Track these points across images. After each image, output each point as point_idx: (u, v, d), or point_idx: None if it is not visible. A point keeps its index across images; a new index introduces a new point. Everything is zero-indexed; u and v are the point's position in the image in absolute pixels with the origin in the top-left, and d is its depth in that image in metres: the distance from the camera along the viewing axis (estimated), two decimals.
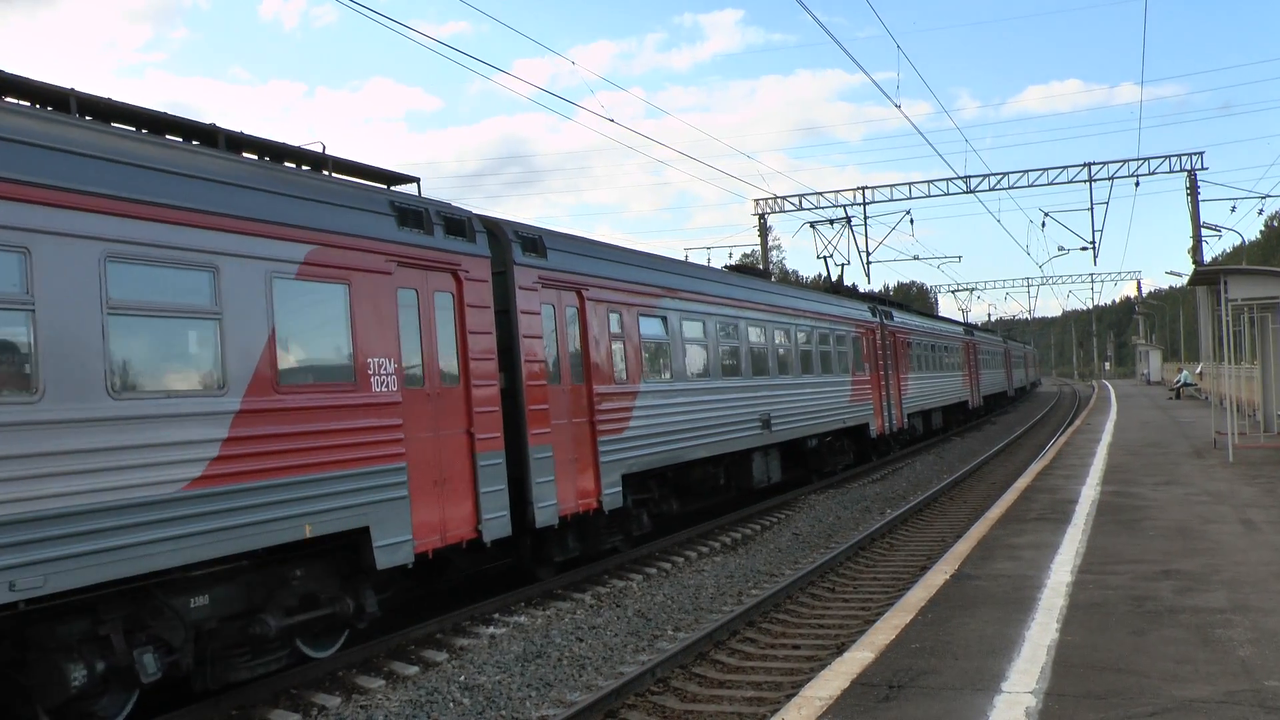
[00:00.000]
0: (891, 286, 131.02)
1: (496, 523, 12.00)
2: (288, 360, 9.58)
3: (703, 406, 17.61)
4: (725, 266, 24.12)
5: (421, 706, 9.28)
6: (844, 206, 47.95)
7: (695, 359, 17.94)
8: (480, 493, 11.75)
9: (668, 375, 16.73)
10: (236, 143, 10.20)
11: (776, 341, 21.89)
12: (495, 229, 12.99)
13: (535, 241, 13.56)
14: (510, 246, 13.05)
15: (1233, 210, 69.82)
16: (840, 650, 9.67)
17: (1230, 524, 12.77)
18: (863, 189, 48.68)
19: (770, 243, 54.64)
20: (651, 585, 14.10)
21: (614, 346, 15.05)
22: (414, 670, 10.30)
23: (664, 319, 16.80)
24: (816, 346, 24.41)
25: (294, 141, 10.98)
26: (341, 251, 10.21)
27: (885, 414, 29.61)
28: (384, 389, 10.52)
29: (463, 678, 10.05)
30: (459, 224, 12.08)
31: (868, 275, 46.55)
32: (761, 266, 52.14)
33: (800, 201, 49.79)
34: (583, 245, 15.22)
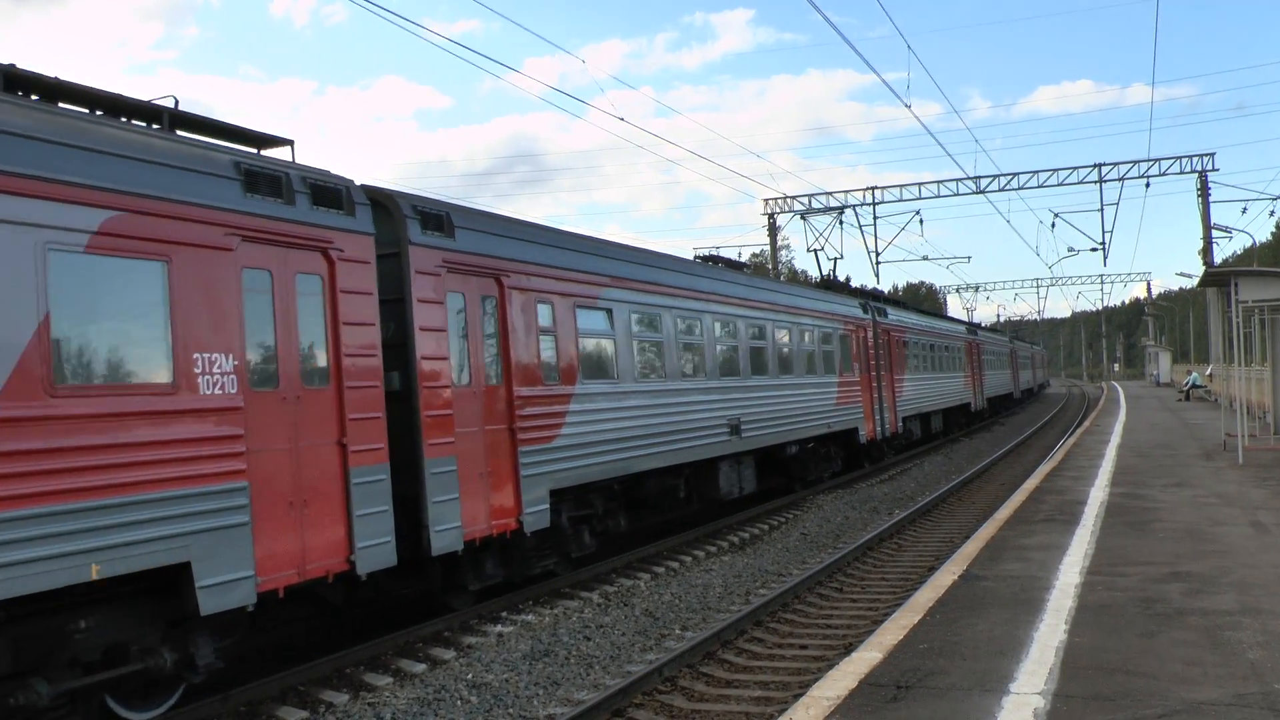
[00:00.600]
0: (901, 287, 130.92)
1: (376, 551, 10.11)
2: (70, 356, 7.75)
3: (657, 411, 15.85)
4: (696, 257, 21.98)
5: (429, 704, 9.29)
6: (852, 207, 47.89)
7: (648, 357, 16.19)
8: (354, 516, 9.87)
9: (613, 376, 14.83)
10: (43, 89, 8.58)
11: (749, 339, 20.00)
12: (386, 202, 11.33)
13: (439, 219, 11.75)
14: (405, 223, 11.26)
15: (1244, 212, 69.67)
16: (848, 650, 9.66)
17: (1240, 526, 12.73)
18: (872, 189, 48.63)
19: (780, 242, 54.50)
20: (659, 584, 14.10)
21: (543, 342, 13.19)
22: (422, 668, 10.31)
23: (609, 312, 14.89)
24: (797, 345, 22.53)
25: (301, 141, 10.34)
26: (157, 220, 8.27)
27: (877, 418, 27.80)
28: (217, 391, 8.68)
29: (470, 675, 10.06)
30: (332, 193, 10.13)
31: (877, 275, 46.69)
32: (770, 266, 52.03)
33: (810, 201, 49.75)
34: (504, 225, 13.30)
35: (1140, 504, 15.04)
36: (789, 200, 50.41)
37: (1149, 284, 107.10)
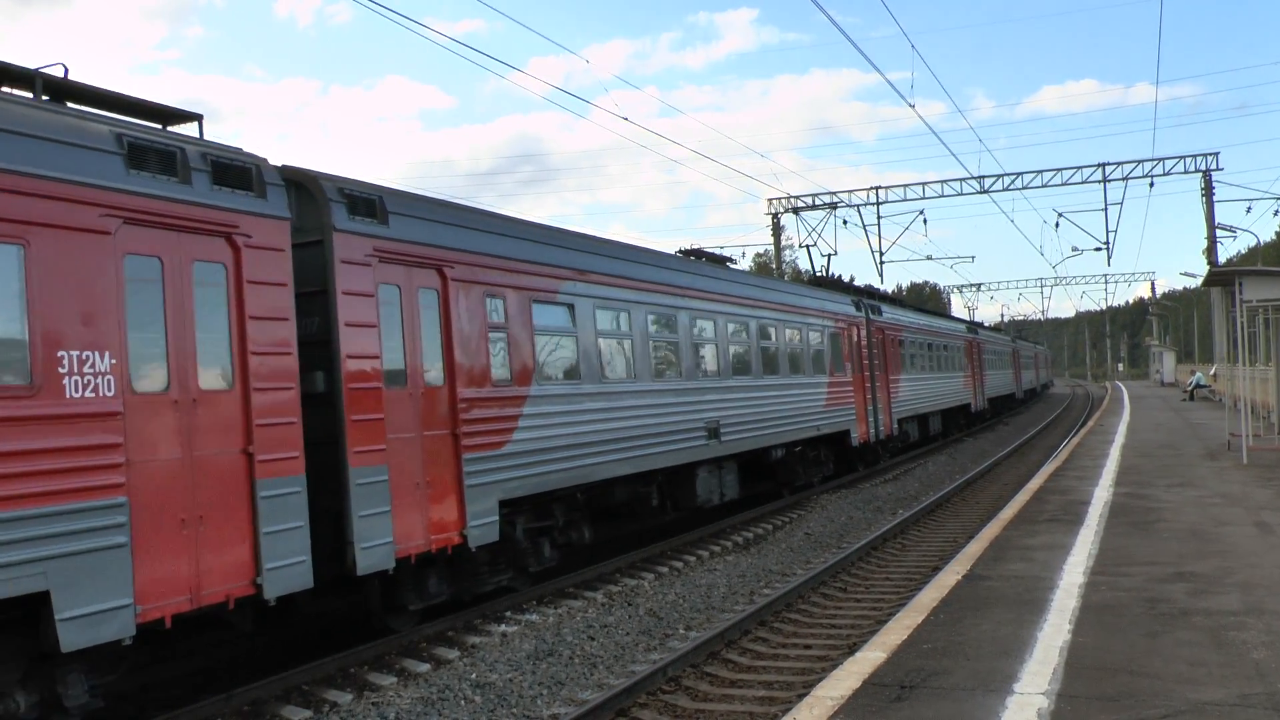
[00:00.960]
0: (905, 286, 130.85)
1: (288, 572, 9.10)
2: None
3: (625, 414, 14.79)
4: (679, 251, 20.62)
5: (433, 704, 9.30)
6: (856, 206, 47.86)
7: (615, 356, 15.02)
8: (262, 533, 8.86)
9: (574, 376, 13.81)
10: None
11: (730, 337, 18.94)
12: (308, 184, 10.37)
13: (370, 203, 10.73)
14: (329, 207, 10.23)
15: (1248, 211, 69.51)
16: (852, 650, 9.66)
17: (1244, 526, 12.72)
18: (876, 188, 48.62)
19: (784, 242, 54.48)
20: (663, 584, 14.11)
21: (493, 340, 12.17)
22: (425, 668, 10.32)
23: (570, 307, 13.82)
24: (783, 343, 21.45)
25: (304, 141, 9.95)
26: (9, 198, 7.28)
27: (871, 419, 26.72)
28: (89, 394, 7.64)
29: (474, 675, 10.07)
30: (238, 172, 9.09)
31: (881, 275, 46.61)
32: (774, 266, 51.98)
33: (814, 201, 49.73)
34: (447, 212, 12.23)
35: (1144, 504, 15.02)
36: (793, 200, 50.40)
37: (1153, 283, 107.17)
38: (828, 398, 23.61)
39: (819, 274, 31.87)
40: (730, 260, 21.68)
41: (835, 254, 49.41)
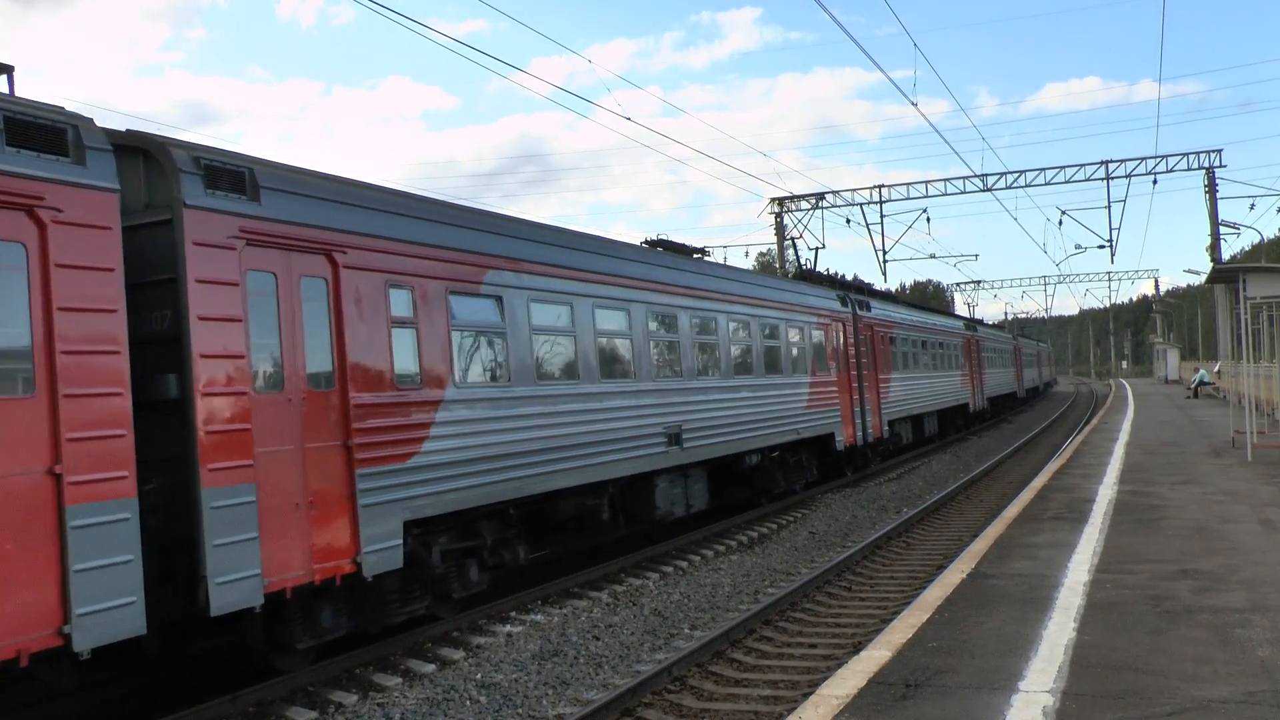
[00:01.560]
0: (909, 285, 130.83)
1: (109, 617, 7.59)
2: None
3: (566, 419, 13.33)
4: (644, 241, 18.82)
5: (438, 704, 9.32)
6: (860, 205, 47.84)
7: (555, 355, 13.56)
8: (71, 571, 7.35)
9: (503, 378, 12.31)
10: None
11: (695, 334, 17.34)
12: (155, 151, 8.91)
13: (237, 176, 9.19)
14: (179, 179, 8.70)
15: (1251, 208, 69.55)
16: (857, 649, 9.68)
17: (1249, 523, 12.71)
18: (879, 187, 48.57)
19: (786, 241, 54.41)
20: (668, 583, 14.11)
21: (398, 337, 10.71)
22: (431, 668, 10.34)
23: (497, 300, 12.30)
24: (758, 341, 19.85)
25: (307, 142, 9.41)
26: None
27: (858, 421, 25.23)
28: None
29: (479, 676, 10.08)
30: (46, 133, 7.63)
31: (884, 273, 46.48)
32: (777, 265, 51.87)
33: (817, 200, 49.70)
34: (339, 188, 10.53)
35: (1149, 501, 15.02)
36: (796, 199, 50.36)
37: (1156, 281, 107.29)
38: (809, 399, 22.08)
39: (804, 268, 30.36)
40: (701, 252, 20.04)
41: (823, 247, 47.73)
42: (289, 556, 9.18)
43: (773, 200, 48.44)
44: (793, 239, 32.52)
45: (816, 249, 40.72)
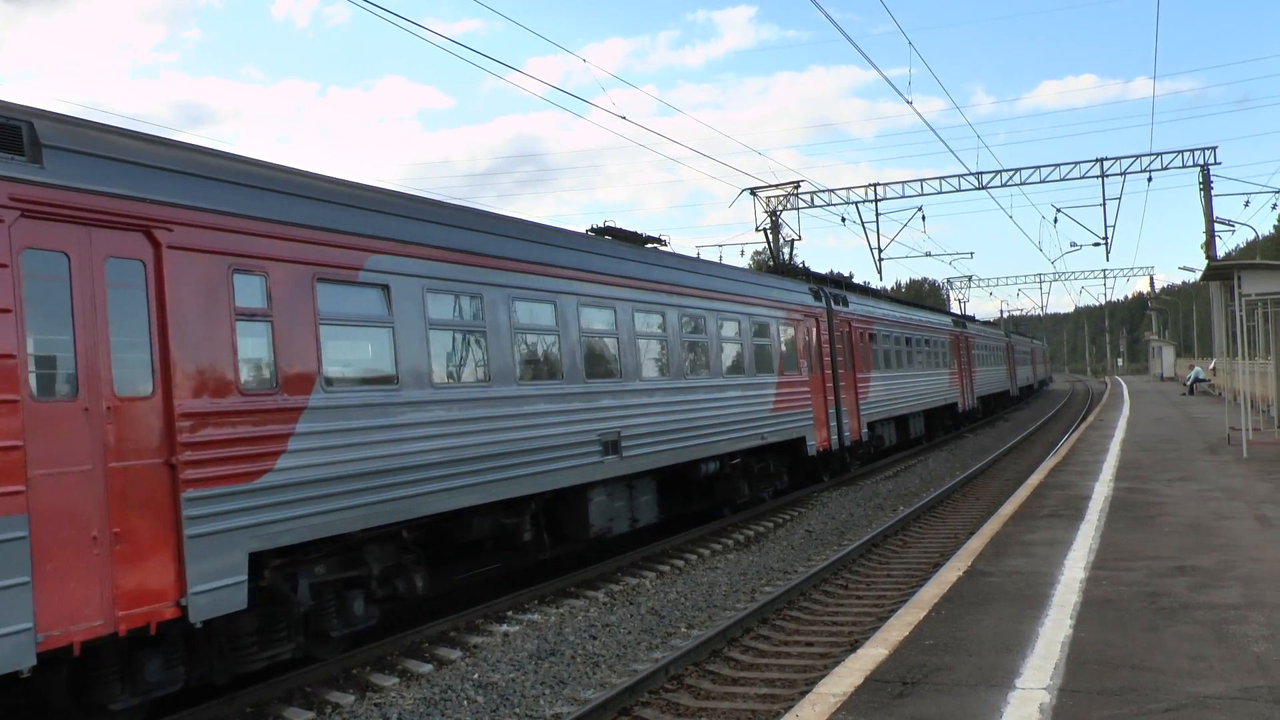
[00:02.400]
0: (904, 283, 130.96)
1: None
2: None
3: (469, 427, 11.61)
4: (590, 229, 17.15)
5: (435, 704, 9.31)
6: (855, 204, 47.88)
7: (459, 354, 11.92)
8: None
9: (388, 380, 10.65)
10: None
11: (637, 330, 15.55)
12: None
13: (9, 133, 7.64)
14: None
15: (1246, 205, 69.37)
16: (854, 647, 9.68)
17: (1245, 520, 12.73)
18: (874, 185, 48.60)
19: (788, 240, 54.41)
20: (664, 583, 14.11)
21: (244, 332, 9.07)
22: (428, 668, 10.33)
23: (384, 289, 10.67)
24: (714, 337, 18.16)
25: (304, 142, 8.81)
26: None
27: (834, 423, 23.61)
28: None
29: (476, 675, 10.08)
30: None
31: (880, 271, 46.57)
32: (772, 264, 51.83)
33: (813, 199, 49.73)
34: (162, 152, 8.84)
35: (1145, 499, 15.04)
36: (792, 198, 50.36)
37: (1152, 278, 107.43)
38: (776, 400, 20.36)
39: (779, 260, 28.87)
40: (657, 241, 18.32)
41: (799, 239, 46.18)
42: (81, 603, 7.54)
43: (746, 190, 47.30)
44: (765, 229, 30.86)
45: (792, 240, 39.04)
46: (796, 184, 32.99)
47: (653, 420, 15.59)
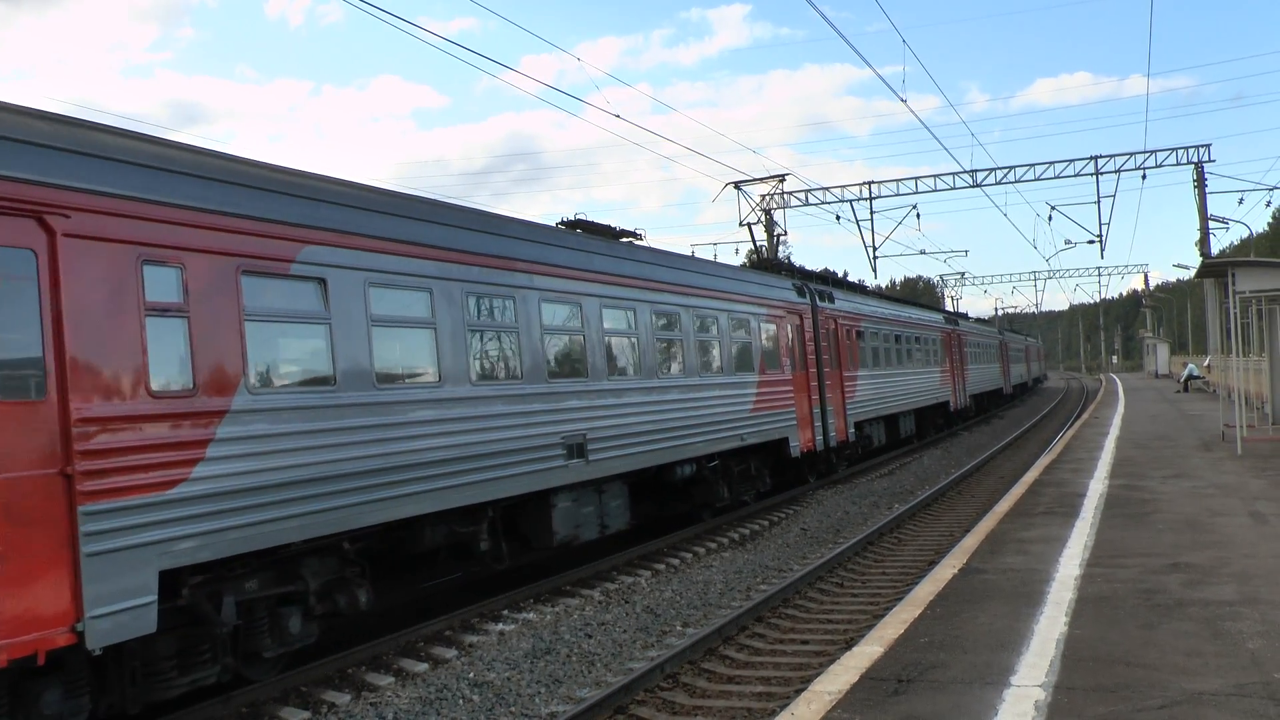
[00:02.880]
0: (899, 281, 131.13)
1: None
2: None
3: (417, 431, 10.90)
4: (560, 222, 16.49)
5: (431, 704, 9.31)
6: (850, 202, 47.89)
7: (406, 353, 11.21)
8: None
9: (324, 381, 9.91)
10: None
11: (605, 327, 14.81)
12: None
13: None
14: None
15: (1240, 202, 69.60)
16: (849, 645, 9.68)
17: (1239, 516, 12.75)
18: (869, 183, 48.63)
19: (780, 239, 54.40)
20: (660, 581, 14.11)
21: (156, 328, 8.33)
22: (423, 667, 10.33)
23: (320, 282, 9.93)
24: (690, 335, 17.38)
25: (297, 141, 8.44)
26: None
27: (819, 424, 22.92)
28: None
29: (472, 674, 10.07)
30: None
31: (874, 269, 46.56)
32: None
33: (806, 197, 49.74)
34: (55, 130, 8.03)
35: (1139, 495, 15.05)
36: (786, 196, 50.38)
37: (1146, 276, 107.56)
38: (757, 400, 19.66)
39: (762, 255, 27.95)
40: (633, 235, 17.75)
41: (785, 234, 45.39)
42: None
43: (731, 184, 46.75)
44: (750, 224, 30.12)
45: (778, 235, 37.88)
46: (782, 177, 32.25)
47: (622, 422, 14.91)
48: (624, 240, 17.20)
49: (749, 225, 30.03)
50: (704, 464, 17.75)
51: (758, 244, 28.88)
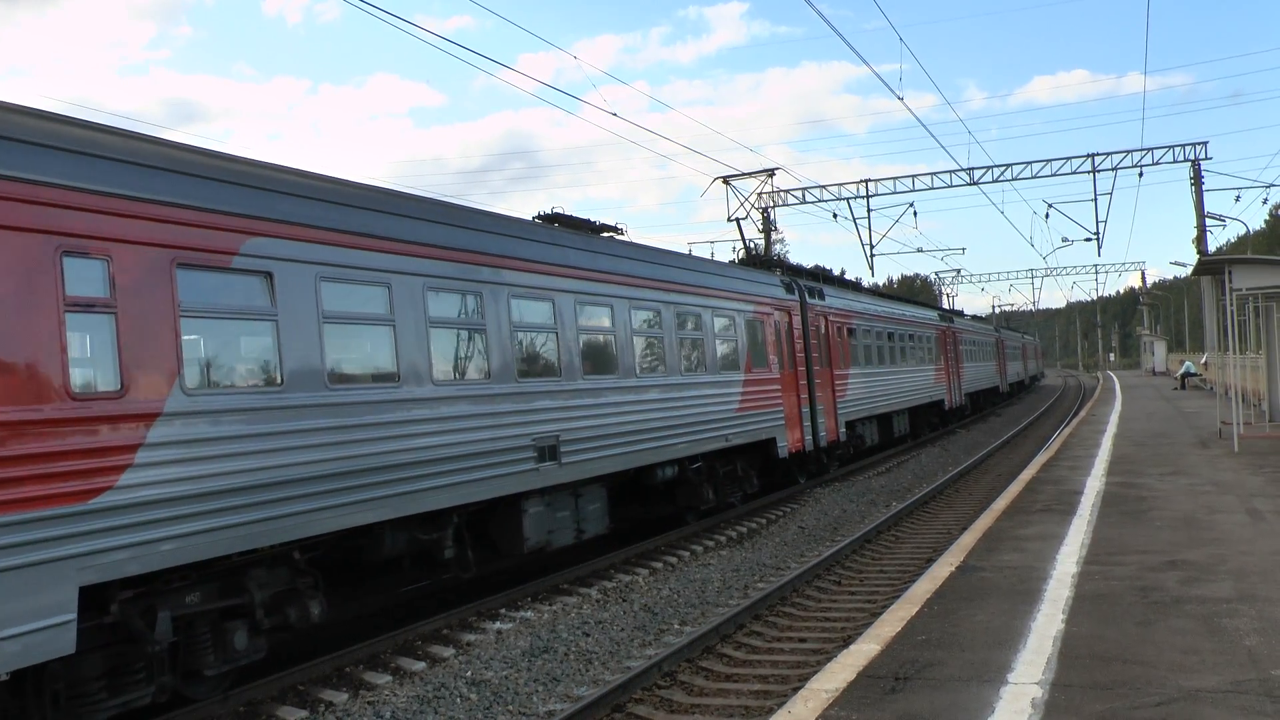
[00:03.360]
0: (896, 279, 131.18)
1: None
2: None
3: (373, 434, 10.26)
4: (537, 216, 15.68)
5: (429, 702, 9.31)
6: (847, 200, 47.89)
7: (360, 351, 10.71)
8: None
9: (270, 381, 9.33)
10: None
11: (579, 324, 14.16)
12: None
13: None
14: None
15: (1237, 199, 69.83)
16: (847, 643, 9.68)
17: (1236, 514, 12.76)
18: (866, 181, 48.65)
19: (774, 236, 54.46)
20: (658, 579, 14.12)
21: (79, 325, 7.90)
22: (421, 666, 10.32)
23: (265, 276, 9.35)
24: (670, 332, 16.71)
25: (295, 140, 8.07)
26: None
27: (808, 423, 22.33)
28: None
29: (470, 673, 10.07)
30: None
31: (871, 267, 46.55)
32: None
33: (803, 195, 49.75)
34: None
35: (1137, 493, 15.06)
36: (783, 194, 50.39)
37: (1144, 273, 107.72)
38: (743, 400, 19.08)
39: (752, 250, 27.23)
40: (614, 230, 17.11)
41: (776, 229, 44.18)
42: None
43: (719, 179, 46.32)
44: (738, 220, 29.56)
45: (767, 231, 37.76)
46: (771, 171, 31.80)
47: (597, 423, 14.27)
48: (605, 235, 16.59)
49: (738, 221, 29.42)
50: (687, 466, 17.26)
51: (746, 239, 28.37)
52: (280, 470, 9.17)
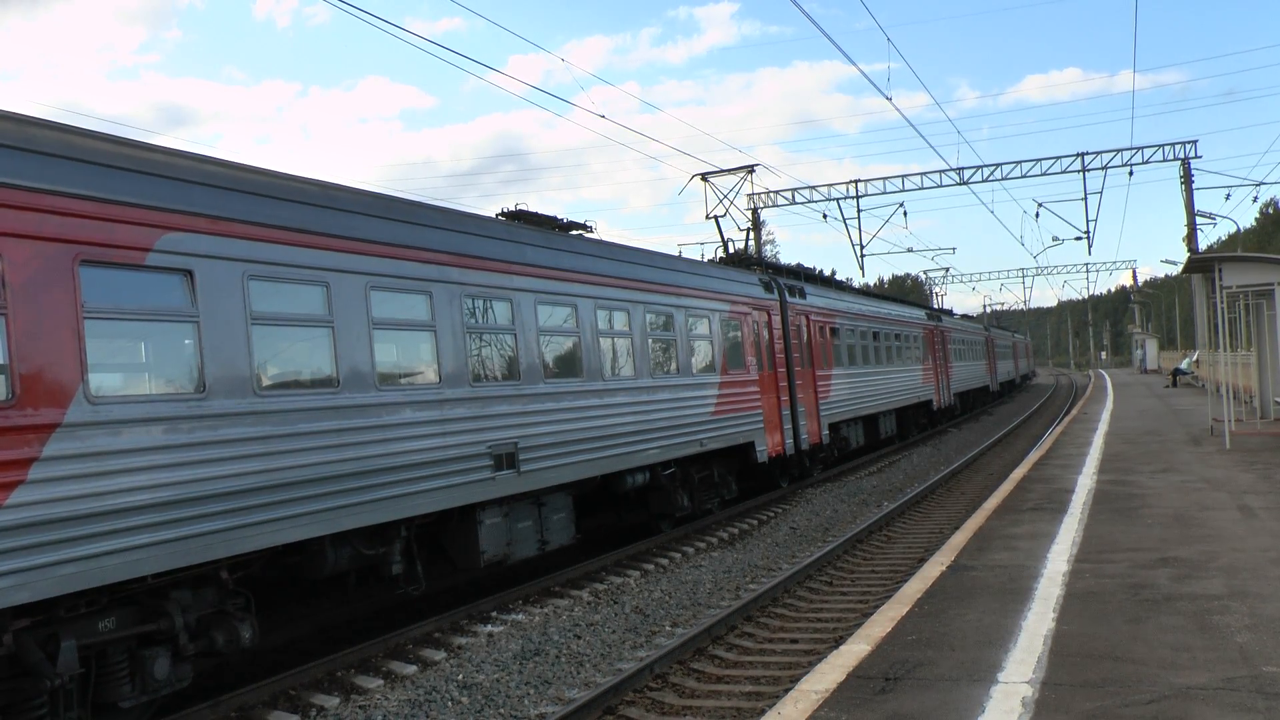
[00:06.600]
0: (886, 279, 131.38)
1: None
2: None
3: (306, 443, 9.59)
4: (500, 213, 15.24)
5: (420, 706, 9.27)
6: (837, 200, 47.96)
7: (294, 355, 9.90)
8: None
9: (193, 388, 8.64)
10: None
11: (540, 325, 13.47)
12: None
13: None
14: None
15: (1227, 198, 69.63)
16: (837, 643, 9.67)
17: (1227, 511, 12.77)
18: (856, 181, 48.71)
19: (765, 237, 54.54)
20: (649, 581, 14.09)
21: None
22: (412, 669, 10.29)
23: (185, 275, 8.68)
24: (639, 333, 15.99)
25: (285, 143, 7.89)
26: None
27: (789, 426, 21.72)
28: None
29: (461, 676, 10.04)
30: None
31: (861, 267, 46.62)
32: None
33: (794, 195, 49.81)
34: None
35: (1128, 490, 15.08)
36: (773, 195, 50.45)
37: (1134, 272, 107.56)
38: (719, 403, 18.42)
39: (730, 249, 26.82)
40: (582, 227, 16.53)
41: (753, 226, 43.27)
42: None
43: (697, 176, 45.41)
44: (716, 217, 29.17)
45: (747, 229, 37.03)
46: (751, 168, 31.63)
47: (560, 429, 13.55)
48: (573, 232, 16.04)
49: (716, 218, 29.17)
50: (660, 472, 16.55)
51: (725, 237, 27.71)
52: (201, 484, 8.49)
